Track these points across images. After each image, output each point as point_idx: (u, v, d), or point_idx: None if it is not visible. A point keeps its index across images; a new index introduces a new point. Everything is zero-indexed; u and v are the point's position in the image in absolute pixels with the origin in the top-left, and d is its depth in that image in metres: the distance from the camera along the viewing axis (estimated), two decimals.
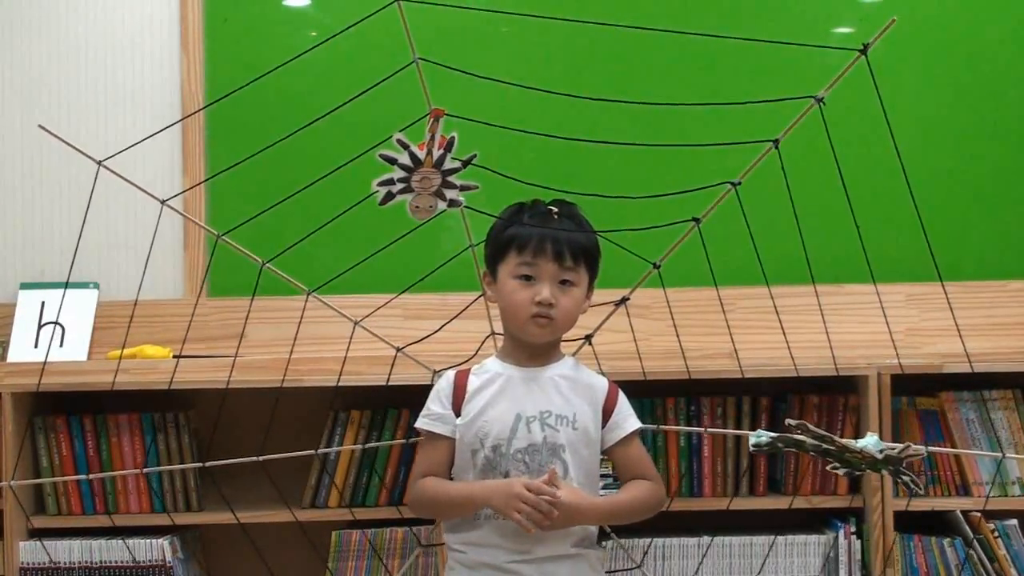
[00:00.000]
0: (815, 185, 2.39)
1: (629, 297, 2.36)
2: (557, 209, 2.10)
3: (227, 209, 2.90)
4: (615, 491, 2.20)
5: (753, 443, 2.07)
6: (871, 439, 2.00)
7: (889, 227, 2.84)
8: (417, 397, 2.17)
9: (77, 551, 2.50)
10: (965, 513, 2.51)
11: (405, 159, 2.08)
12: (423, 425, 2.11)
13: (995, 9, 2.99)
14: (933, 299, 2.72)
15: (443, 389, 2.12)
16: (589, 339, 2.34)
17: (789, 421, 2.02)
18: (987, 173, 2.97)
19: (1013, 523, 2.52)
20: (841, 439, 2.01)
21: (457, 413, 2.09)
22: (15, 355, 2.78)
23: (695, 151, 2.33)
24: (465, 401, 2.09)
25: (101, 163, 2.15)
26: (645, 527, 2.39)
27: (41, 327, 2.82)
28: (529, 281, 2.05)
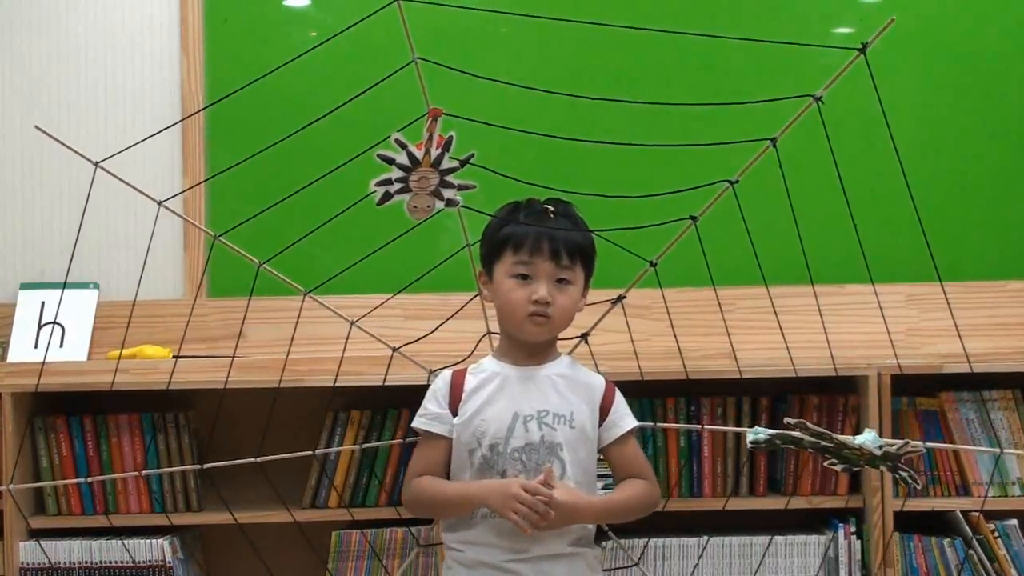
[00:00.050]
0: (816, 185, 2.39)
1: (625, 296, 2.36)
2: (553, 208, 2.10)
3: (227, 209, 2.90)
4: (611, 490, 2.19)
5: (751, 440, 2.07)
6: (869, 435, 2.00)
7: (889, 227, 2.84)
8: (417, 397, 2.17)
9: (77, 551, 2.50)
10: (965, 513, 2.51)
11: (403, 159, 2.07)
12: (420, 424, 2.11)
13: (995, 9, 2.99)
14: (933, 299, 2.72)
15: (440, 389, 2.12)
16: (585, 337, 2.34)
17: (788, 420, 2.02)
18: (987, 173, 2.97)
19: (1013, 523, 2.52)
20: (839, 436, 2.01)
21: (454, 412, 2.08)
22: (15, 355, 2.78)
23: (694, 151, 2.33)
24: (462, 401, 2.08)
25: (98, 164, 2.15)
26: (645, 527, 2.39)
27: (41, 327, 2.82)
28: (526, 280, 2.05)
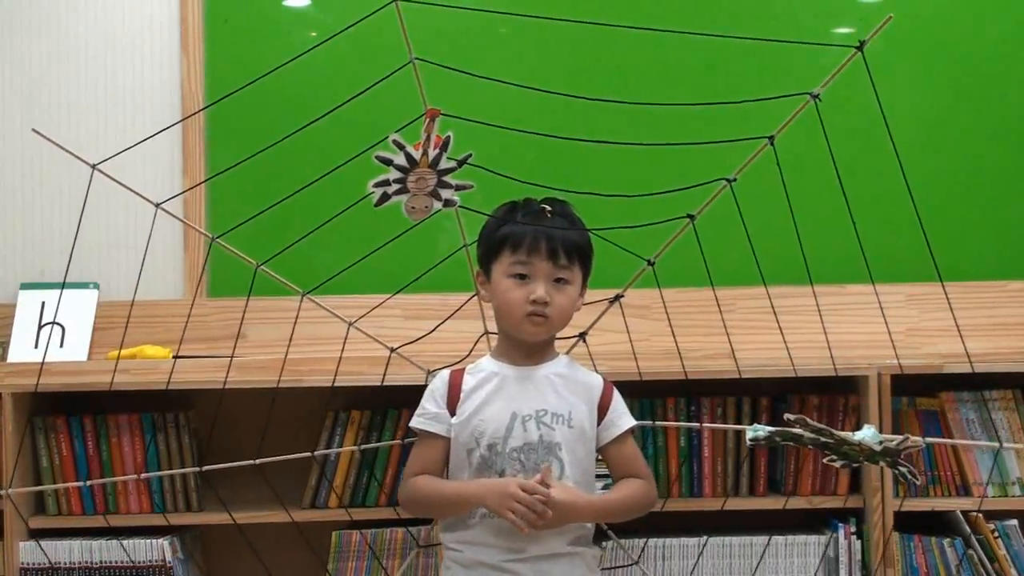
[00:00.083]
0: (817, 185, 2.38)
1: (623, 295, 2.36)
2: (550, 207, 2.09)
3: (227, 209, 2.90)
4: (603, 489, 2.20)
5: (751, 437, 2.07)
6: (868, 431, 2.01)
7: (889, 227, 2.84)
8: (417, 397, 2.16)
9: (77, 551, 2.50)
10: (965, 513, 2.51)
11: (401, 160, 2.07)
12: (418, 424, 2.11)
13: (995, 8, 2.99)
14: (933, 299, 2.72)
15: (438, 388, 2.11)
16: (583, 337, 2.34)
17: (788, 416, 2.01)
18: (987, 173, 2.97)
19: (1013, 523, 2.52)
20: (839, 432, 2.02)
21: (452, 412, 2.08)
22: (15, 355, 2.78)
23: (693, 150, 2.33)
24: (460, 400, 2.08)
25: (95, 167, 2.15)
26: (645, 527, 2.39)
27: (41, 327, 2.82)
28: (523, 280, 2.05)
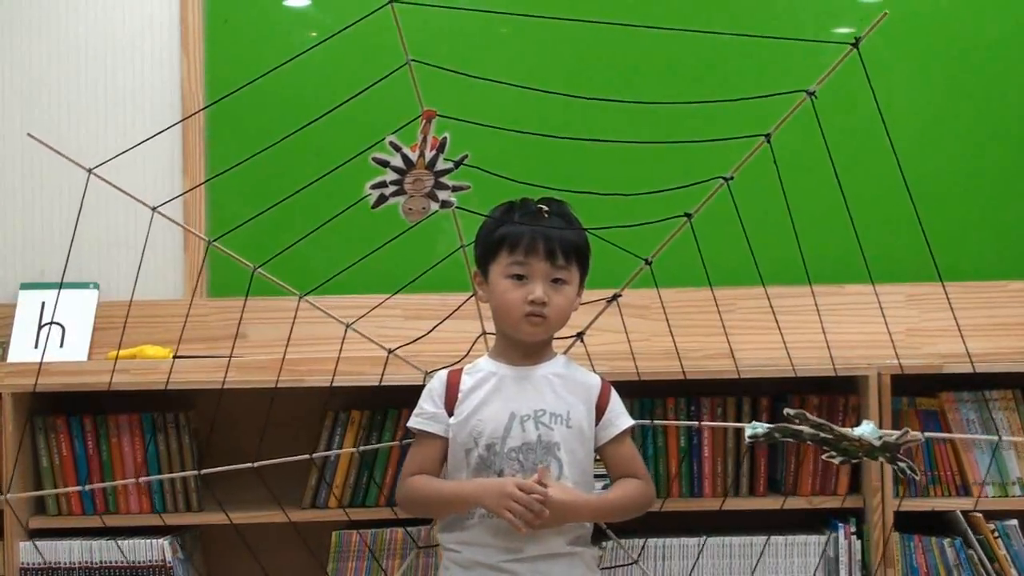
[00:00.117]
0: (818, 184, 2.38)
1: (621, 294, 2.36)
2: (547, 207, 2.09)
3: (227, 209, 2.90)
4: (603, 489, 2.19)
5: (749, 434, 2.07)
6: (867, 427, 2.01)
7: (890, 227, 2.83)
8: (416, 397, 2.16)
9: (77, 551, 2.50)
10: (965, 513, 2.51)
11: (398, 161, 2.08)
12: (416, 424, 2.11)
13: (995, 7, 2.98)
14: (933, 299, 2.72)
15: (436, 388, 2.11)
16: (580, 337, 2.34)
17: (788, 411, 2.02)
18: (987, 173, 2.97)
19: (1013, 523, 2.52)
20: (838, 427, 2.02)
21: (450, 412, 2.08)
22: (15, 355, 2.78)
23: (691, 150, 2.32)
24: (458, 401, 2.08)
25: (91, 171, 2.15)
26: (645, 527, 2.39)
27: (41, 327, 2.82)
28: (521, 280, 2.05)
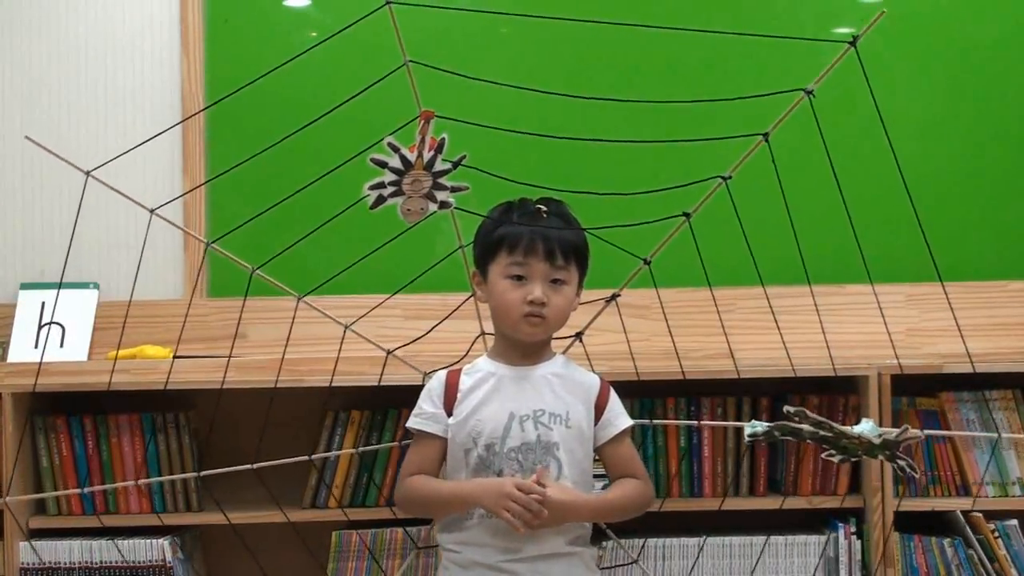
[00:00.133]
0: (818, 184, 2.38)
1: (620, 294, 2.36)
2: (546, 207, 2.09)
3: (227, 209, 2.90)
4: (604, 490, 2.19)
5: (749, 433, 2.07)
6: (867, 424, 2.02)
7: (890, 227, 2.83)
8: (417, 397, 2.16)
9: (77, 551, 2.50)
10: (965, 513, 2.51)
11: (396, 162, 2.08)
12: (415, 424, 2.11)
13: (995, 6, 2.98)
14: (933, 299, 2.72)
15: (435, 389, 2.12)
16: (579, 336, 2.34)
17: (788, 408, 2.02)
18: (987, 172, 2.97)
19: (1013, 523, 2.52)
20: (838, 425, 2.02)
21: (449, 413, 2.08)
22: (15, 355, 2.78)
23: (690, 150, 2.32)
24: (457, 401, 2.08)
25: (89, 173, 2.15)
26: (645, 527, 2.39)
27: (41, 327, 2.83)
28: (520, 281, 2.04)
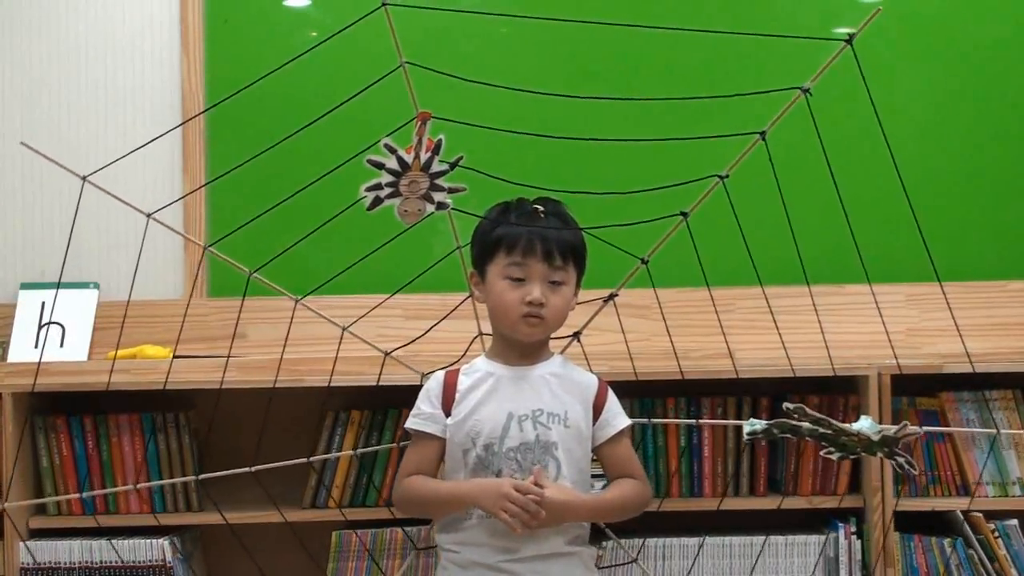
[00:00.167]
0: (818, 184, 2.37)
1: (617, 294, 2.36)
2: (543, 207, 2.10)
3: (227, 210, 2.90)
4: (602, 489, 2.19)
5: (748, 431, 2.08)
6: (866, 422, 2.02)
7: (890, 227, 2.82)
8: (416, 397, 2.16)
9: (77, 551, 2.50)
10: (965, 513, 2.51)
11: (393, 164, 2.08)
12: (413, 425, 2.11)
13: (995, 6, 2.98)
14: (933, 299, 2.71)
15: (433, 389, 2.12)
16: (577, 336, 2.34)
17: (787, 405, 2.02)
18: (987, 172, 2.96)
19: (1013, 523, 2.51)
20: (837, 422, 2.02)
21: (447, 413, 2.08)
22: (15, 355, 2.78)
23: (688, 150, 2.33)
24: (456, 401, 2.08)
25: (85, 179, 2.15)
26: (644, 526, 2.39)
27: (41, 327, 2.83)
28: (519, 282, 2.05)
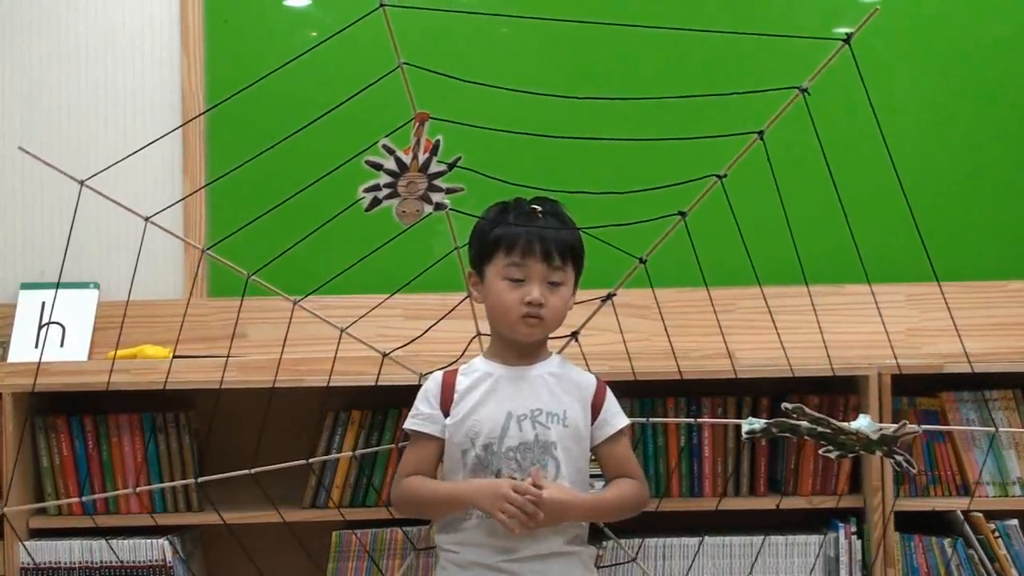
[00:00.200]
0: (818, 184, 2.38)
1: (615, 294, 2.36)
2: (541, 208, 2.09)
3: (227, 210, 2.90)
4: (600, 489, 2.19)
5: (747, 430, 2.08)
6: (864, 420, 2.02)
7: (890, 227, 2.82)
8: (416, 397, 2.17)
9: (77, 552, 2.50)
10: (965, 513, 2.51)
11: (391, 164, 2.08)
12: (412, 425, 2.11)
13: (995, 6, 2.98)
14: (933, 299, 2.71)
15: (431, 389, 2.12)
16: (575, 336, 2.34)
17: (786, 405, 2.02)
18: (987, 172, 2.96)
19: (1013, 523, 2.52)
20: (836, 421, 2.02)
21: (446, 413, 2.08)
22: (15, 355, 2.79)
23: (687, 150, 2.33)
24: (454, 401, 2.08)
25: (83, 183, 2.15)
26: (644, 526, 2.39)
27: (41, 327, 2.83)
28: (518, 282, 2.05)
